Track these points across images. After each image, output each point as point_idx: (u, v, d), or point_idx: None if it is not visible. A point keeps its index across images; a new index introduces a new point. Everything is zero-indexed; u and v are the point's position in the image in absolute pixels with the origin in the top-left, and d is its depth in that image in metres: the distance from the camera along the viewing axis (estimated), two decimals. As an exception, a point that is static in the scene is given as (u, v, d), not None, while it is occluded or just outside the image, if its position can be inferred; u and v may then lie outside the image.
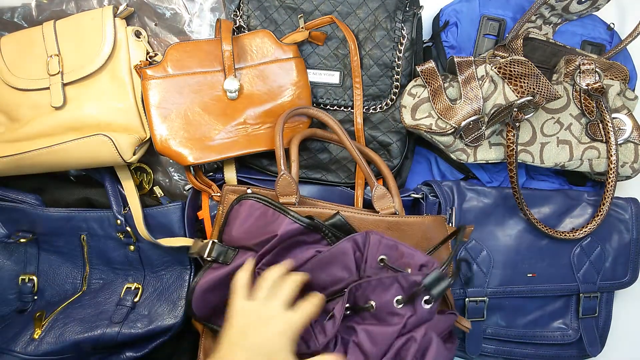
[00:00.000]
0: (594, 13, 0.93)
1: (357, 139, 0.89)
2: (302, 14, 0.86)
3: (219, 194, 0.85)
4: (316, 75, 0.88)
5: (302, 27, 0.85)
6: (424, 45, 0.94)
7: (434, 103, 0.85)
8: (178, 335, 0.88)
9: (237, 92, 0.83)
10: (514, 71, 0.82)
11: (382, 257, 0.69)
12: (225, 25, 0.82)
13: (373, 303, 0.67)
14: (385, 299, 0.67)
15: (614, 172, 0.87)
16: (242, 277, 0.69)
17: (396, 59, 0.88)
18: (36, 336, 0.82)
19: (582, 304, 0.90)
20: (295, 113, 0.83)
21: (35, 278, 0.89)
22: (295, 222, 0.72)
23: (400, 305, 0.66)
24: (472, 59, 0.84)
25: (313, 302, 0.66)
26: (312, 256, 0.72)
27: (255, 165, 0.89)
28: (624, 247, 0.92)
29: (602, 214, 0.89)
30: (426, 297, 0.66)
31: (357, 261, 0.70)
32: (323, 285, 0.72)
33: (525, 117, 0.83)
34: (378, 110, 0.89)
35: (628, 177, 0.90)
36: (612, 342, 0.94)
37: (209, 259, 0.75)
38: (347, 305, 0.69)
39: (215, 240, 0.76)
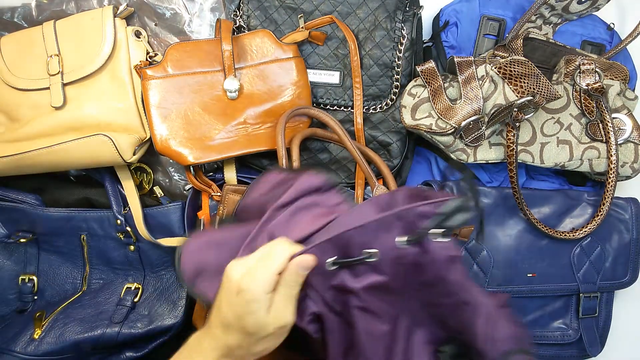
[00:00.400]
0: (594, 13, 0.93)
1: (357, 138, 0.89)
2: (302, 14, 0.86)
3: (219, 194, 0.85)
4: (316, 75, 0.88)
5: (302, 27, 0.85)
6: (424, 45, 0.94)
7: (434, 103, 0.85)
8: (178, 335, 0.88)
9: (237, 92, 0.83)
10: (514, 71, 0.82)
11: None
12: (225, 25, 0.82)
13: (375, 250, 0.56)
14: (388, 243, 0.56)
15: (614, 172, 0.87)
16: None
17: (396, 59, 0.88)
18: (36, 336, 0.82)
19: (582, 304, 0.90)
20: (296, 113, 0.83)
21: (35, 278, 0.89)
22: (314, 176, 0.64)
23: (406, 246, 0.55)
24: (472, 59, 0.84)
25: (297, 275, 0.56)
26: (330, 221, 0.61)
27: (256, 165, 0.89)
28: (624, 247, 0.92)
29: (602, 214, 0.89)
30: (441, 231, 0.54)
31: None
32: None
33: (525, 117, 0.83)
34: (378, 110, 0.89)
35: (628, 177, 0.90)
36: (612, 342, 0.94)
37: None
38: (334, 259, 0.57)
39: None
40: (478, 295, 0.56)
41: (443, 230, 0.54)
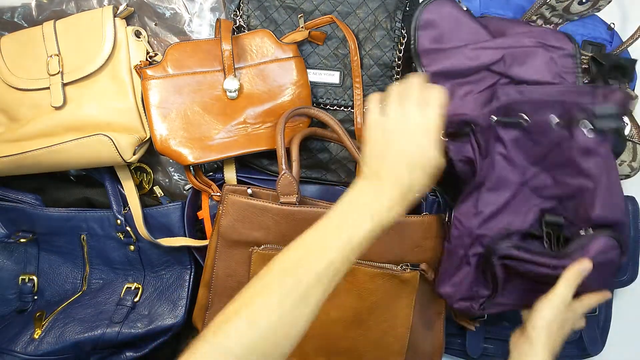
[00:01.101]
0: (595, 14, 0.93)
1: (357, 138, 0.89)
2: (302, 14, 0.86)
3: (218, 194, 0.85)
4: (316, 75, 0.88)
5: (302, 27, 0.85)
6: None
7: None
8: (178, 335, 0.88)
9: (237, 92, 0.83)
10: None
11: None
12: (225, 25, 0.82)
13: (525, 116, 0.68)
14: (543, 116, 0.67)
15: None
16: (374, 96, 0.66)
17: (396, 59, 0.88)
18: (36, 336, 0.82)
19: (582, 302, 0.90)
20: (296, 113, 0.83)
21: (35, 278, 0.89)
22: None
23: (557, 127, 0.66)
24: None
25: (437, 94, 0.63)
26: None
27: (256, 165, 0.89)
28: (623, 246, 0.92)
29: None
30: (591, 127, 0.65)
31: None
32: None
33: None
34: (378, 110, 0.89)
35: (627, 176, 0.90)
36: (613, 341, 0.94)
37: None
38: (498, 106, 0.70)
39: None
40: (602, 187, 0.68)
41: (592, 127, 0.65)
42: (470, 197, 0.76)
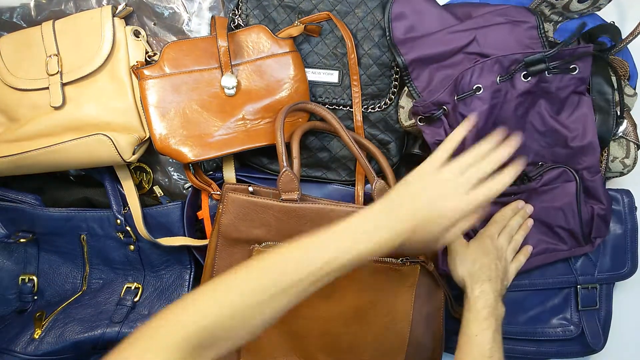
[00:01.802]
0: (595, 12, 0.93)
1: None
2: (301, 13, 0.86)
3: (218, 192, 0.84)
4: (315, 74, 0.88)
5: (298, 23, 0.85)
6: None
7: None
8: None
9: (234, 89, 0.83)
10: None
11: None
12: (219, 22, 0.82)
13: (479, 85, 0.77)
14: (490, 79, 0.77)
15: (604, 166, 0.87)
16: (449, 143, 0.68)
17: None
18: (36, 336, 0.82)
19: (581, 296, 0.90)
20: (294, 108, 0.83)
21: (35, 278, 0.89)
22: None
23: (501, 82, 0.77)
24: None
25: (496, 189, 0.64)
26: None
27: (255, 164, 0.89)
28: (619, 238, 0.91)
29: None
30: (524, 73, 0.77)
31: None
32: None
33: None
34: (377, 109, 0.89)
35: (621, 174, 0.90)
36: (615, 337, 0.93)
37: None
38: (456, 96, 0.78)
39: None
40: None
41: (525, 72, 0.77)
42: None
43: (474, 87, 0.78)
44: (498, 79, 0.78)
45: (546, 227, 0.86)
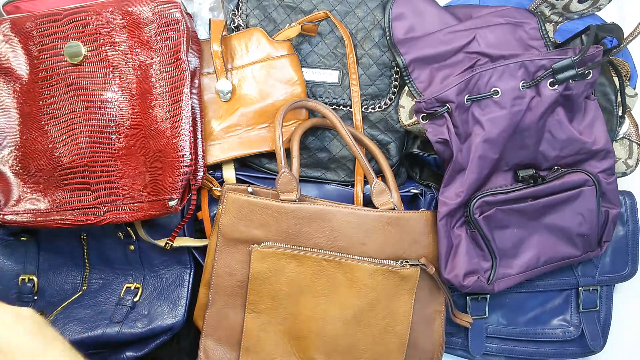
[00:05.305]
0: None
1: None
2: (301, 13, 0.86)
3: (219, 189, 0.85)
4: (315, 74, 0.88)
5: (295, 24, 0.85)
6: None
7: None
8: (178, 335, 0.88)
9: (230, 94, 0.83)
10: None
11: None
12: (215, 26, 0.82)
13: (498, 89, 0.75)
14: (512, 84, 0.75)
15: None
16: None
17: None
18: (36, 336, 0.82)
19: (582, 298, 0.90)
20: (294, 106, 0.83)
21: (35, 278, 0.89)
22: None
23: (525, 89, 0.75)
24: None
25: None
26: None
27: (255, 164, 0.89)
28: (620, 240, 0.91)
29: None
30: (551, 80, 0.75)
31: None
32: None
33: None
34: (377, 109, 0.89)
35: (624, 174, 0.90)
36: (615, 339, 0.94)
37: None
38: (468, 96, 0.76)
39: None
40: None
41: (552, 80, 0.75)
42: (453, 181, 0.79)
43: (492, 90, 0.76)
44: (521, 84, 0.76)
45: (565, 235, 0.84)
